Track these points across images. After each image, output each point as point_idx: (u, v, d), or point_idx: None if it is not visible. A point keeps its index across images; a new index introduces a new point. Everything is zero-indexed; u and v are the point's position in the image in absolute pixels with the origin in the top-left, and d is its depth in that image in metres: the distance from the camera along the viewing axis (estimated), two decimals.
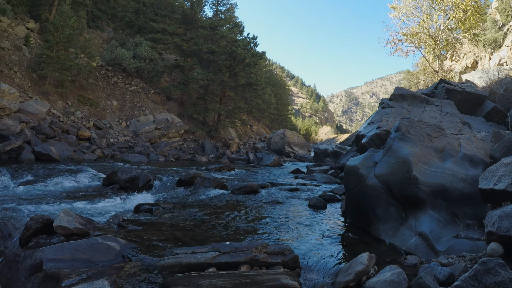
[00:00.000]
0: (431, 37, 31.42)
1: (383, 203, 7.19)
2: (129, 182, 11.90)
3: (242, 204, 10.59)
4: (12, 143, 15.62)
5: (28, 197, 10.34)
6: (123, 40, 40.25)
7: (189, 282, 4.43)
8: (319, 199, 10.75)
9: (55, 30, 27.00)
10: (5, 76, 24.65)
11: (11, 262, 5.58)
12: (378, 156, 7.87)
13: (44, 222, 6.39)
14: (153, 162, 23.43)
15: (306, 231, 7.75)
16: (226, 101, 40.76)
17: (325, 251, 6.40)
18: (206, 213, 9.18)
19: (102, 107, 30.98)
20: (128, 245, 5.98)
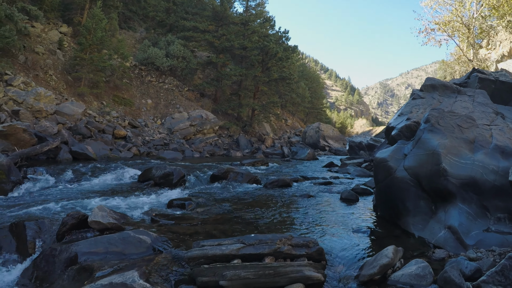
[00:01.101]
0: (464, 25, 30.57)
1: (413, 196, 7.11)
2: (163, 178, 12.20)
3: (274, 198, 10.69)
4: (50, 144, 16.09)
5: (66, 194, 10.79)
6: (155, 40, 40.85)
7: (214, 273, 4.55)
8: (351, 192, 10.74)
9: (88, 33, 27.66)
10: (41, 79, 25.47)
11: (48, 256, 5.91)
12: (408, 148, 7.77)
13: (79, 218, 6.70)
14: (188, 158, 23.75)
15: (336, 224, 7.78)
16: (260, 96, 40.85)
17: (353, 244, 6.43)
18: (238, 207, 9.32)
19: (137, 106, 31.60)
20: (159, 238, 6.21)
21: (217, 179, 13.27)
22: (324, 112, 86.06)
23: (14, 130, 15.02)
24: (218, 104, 38.40)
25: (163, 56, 36.56)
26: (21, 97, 21.40)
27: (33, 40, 27.63)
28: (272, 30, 44.66)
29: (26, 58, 25.69)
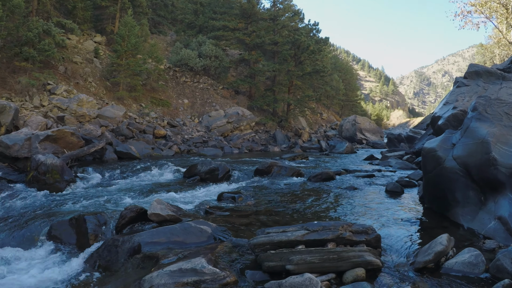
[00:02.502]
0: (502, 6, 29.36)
1: (462, 187, 6.94)
2: (209, 174, 12.47)
3: (319, 191, 10.72)
4: (96, 145, 16.66)
5: (117, 191, 11.23)
6: (187, 41, 41.40)
7: (281, 258, 4.69)
8: (396, 184, 10.62)
9: (122, 40, 28.58)
10: (82, 87, 26.58)
11: (110, 246, 6.21)
12: (456, 138, 7.60)
13: (137, 211, 7.01)
14: (227, 154, 24.07)
15: (384, 215, 7.76)
16: (294, 91, 40.72)
17: (403, 233, 6.43)
18: (285, 199, 9.43)
19: (174, 106, 32.18)
20: (219, 228, 6.39)
21: (261, 173, 13.39)
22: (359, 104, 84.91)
23: (62, 134, 15.63)
24: (253, 100, 38.49)
25: (196, 56, 37.04)
26: (65, 104, 22.20)
27: (70, 51, 28.88)
28: (301, 24, 44.46)
29: (65, 68, 26.86)
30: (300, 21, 44.49)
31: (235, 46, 41.81)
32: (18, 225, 8.00)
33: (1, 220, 8.62)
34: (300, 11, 44.49)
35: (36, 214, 8.65)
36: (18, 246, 7.20)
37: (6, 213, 9.20)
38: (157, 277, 4.54)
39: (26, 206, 9.75)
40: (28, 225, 7.98)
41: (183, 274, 4.57)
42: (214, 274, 4.53)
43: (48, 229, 7.59)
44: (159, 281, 4.48)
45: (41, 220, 8.14)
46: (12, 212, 9.25)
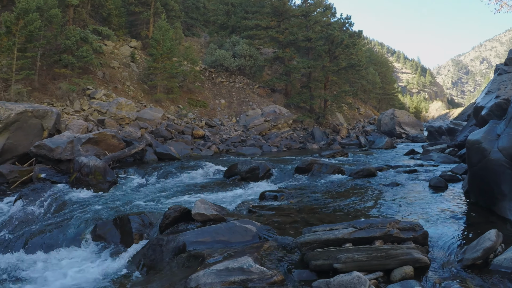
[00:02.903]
0: None
1: (509, 179, 6.61)
2: (250, 173, 12.45)
3: (362, 187, 10.54)
4: (136, 147, 16.99)
5: (158, 191, 11.40)
6: (220, 42, 41.70)
7: (328, 256, 4.62)
8: (440, 179, 10.29)
9: (157, 44, 29.27)
10: (120, 91, 27.30)
11: (155, 246, 6.31)
12: (500, 128, 7.26)
13: (181, 211, 7.05)
14: (266, 153, 24.03)
15: (429, 210, 7.55)
16: (331, 86, 40.24)
17: (449, 230, 6.24)
18: (328, 197, 9.30)
19: (211, 106, 32.46)
20: (263, 227, 6.35)
21: (302, 171, 13.25)
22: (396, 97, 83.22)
23: (104, 137, 16.06)
24: (289, 98, 38.31)
25: (231, 57, 37.30)
26: (104, 108, 22.74)
27: (107, 57, 29.89)
28: (333, 18, 43.83)
29: (104, 73, 27.69)
30: (332, 16, 43.91)
31: (269, 44, 41.77)
32: (64, 225, 8.25)
33: (47, 219, 8.99)
34: (331, 5, 43.89)
35: (81, 214, 8.90)
36: (65, 244, 7.48)
37: (52, 213, 9.57)
38: (204, 276, 4.54)
39: (71, 206, 10.02)
40: (74, 224, 8.22)
41: (230, 273, 4.55)
42: (262, 273, 4.49)
43: (93, 229, 7.81)
44: (206, 280, 4.48)
45: (85, 220, 8.38)
46: (58, 212, 9.60)
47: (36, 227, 8.50)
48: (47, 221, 8.90)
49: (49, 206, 10.16)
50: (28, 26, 20.53)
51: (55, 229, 8.13)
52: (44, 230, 8.19)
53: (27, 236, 7.99)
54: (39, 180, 13.24)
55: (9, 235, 8.30)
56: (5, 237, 8.24)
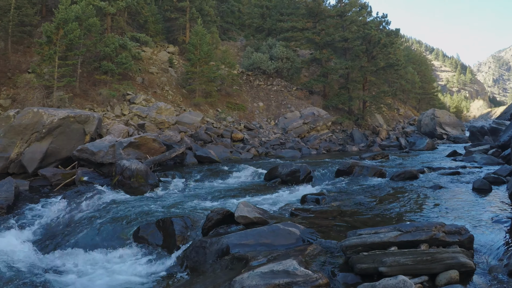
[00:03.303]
0: None
1: None
2: (290, 176, 12.40)
3: (404, 190, 10.39)
4: (177, 150, 17.27)
5: (200, 194, 11.56)
6: (257, 45, 41.79)
7: (373, 260, 4.60)
8: (483, 181, 9.98)
9: (194, 49, 29.68)
10: (159, 95, 27.87)
11: (198, 248, 6.38)
12: None
13: (224, 214, 7.10)
14: (305, 155, 23.94)
15: (473, 214, 7.39)
16: (369, 87, 39.60)
17: (494, 234, 6.09)
18: (369, 200, 9.20)
19: (250, 109, 32.60)
20: (307, 230, 6.33)
21: (342, 174, 13.13)
22: (436, 96, 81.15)
23: (145, 141, 16.40)
24: (328, 99, 37.93)
25: (268, 59, 37.32)
26: (144, 112, 23.21)
27: (146, 63, 30.63)
28: (369, 17, 43.03)
29: (143, 78, 28.43)
30: (368, 15, 43.10)
31: (306, 46, 41.56)
32: (107, 226, 8.51)
33: (91, 220, 9.22)
34: (366, 4, 43.14)
35: (123, 216, 9.11)
36: (108, 245, 7.72)
37: (96, 215, 9.78)
38: (248, 278, 4.56)
39: (113, 208, 10.25)
40: (116, 226, 8.47)
41: (275, 275, 4.55)
42: (307, 276, 4.47)
43: (136, 230, 8.01)
44: (250, 282, 4.50)
45: (128, 222, 8.60)
46: (100, 214, 9.81)
47: (80, 227, 8.81)
48: (90, 222, 9.14)
49: (92, 207, 10.46)
50: (68, 35, 21.31)
51: (99, 230, 8.40)
52: (87, 230, 8.47)
53: (72, 236, 8.32)
54: (82, 183, 13.62)
55: (55, 235, 8.66)
56: (50, 237, 8.64)
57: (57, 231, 9.02)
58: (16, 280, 6.25)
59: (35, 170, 14.99)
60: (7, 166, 15.21)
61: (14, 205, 11.31)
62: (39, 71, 21.29)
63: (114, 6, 28.54)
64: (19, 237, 8.56)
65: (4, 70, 23.21)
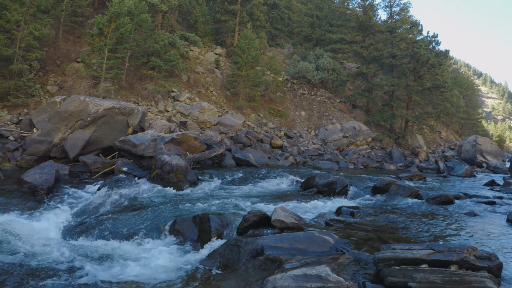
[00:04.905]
0: None
1: None
2: (327, 187, 12.44)
3: (438, 213, 10.30)
4: (216, 151, 17.63)
5: (236, 195, 11.82)
6: (304, 54, 41.90)
7: (404, 275, 4.70)
8: None
9: (242, 52, 30.15)
10: (203, 95, 28.46)
11: (232, 246, 6.59)
12: None
13: (260, 216, 7.32)
14: (342, 169, 23.84)
15: (504, 243, 7.33)
16: (413, 107, 38.93)
17: None
18: (403, 219, 9.19)
19: (291, 117, 32.75)
20: (341, 240, 6.47)
21: (379, 191, 13.06)
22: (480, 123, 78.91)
23: (186, 138, 16.84)
24: (370, 115, 37.60)
25: (314, 69, 37.34)
26: (187, 110, 23.71)
27: (193, 62, 31.34)
28: (420, 36, 42.44)
29: (188, 77, 29.05)
30: (418, 33, 42.42)
31: (353, 59, 41.38)
32: (144, 217, 8.84)
33: (128, 210, 9.58)
34: (418, 22, 42.58)
35: (160, 209, 9.44)
36: (144, 235, 8.01)
37: (133, 205, 10.18)
38: (281, 279, 4.72)
39: (151, 200, 10.70)
40: (153, 217, 8.80)
41: (307, 279, 4.70)
42: (338, 283, 4.60)
43: (172, 223, 8.29)
44: (283, 283, 4.65)
45: (165, 215, 8.93)
46: (138, 204, 10.22)
47: (116, 216, 9.11)
48: (127, 211, 9.48)
49: (129, 198, 10.80)
50: (120, 29, 22.04)
51: (135, 220, 8.72)
52: (123, 219, 8.78)
53: (107, 223, 8.62)
54: (121, 173, 14.14)
55: (92, 221, 8.97)
56: (86, 222, 8.95)
57: (93, 217, 9.30)
58: (46, 261, 6.50)
59: (76, 156, 15.73)
60: (50, 150, 15.91)
61: (54, 187, 11.84)
62: (88, 61, 22.05)
63: (166, 4, 29.36)
64: (55, 219, 8.94)
65: (53, 57, 24.10)
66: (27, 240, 7.28)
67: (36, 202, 10.32)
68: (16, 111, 19.56)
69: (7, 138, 16.85)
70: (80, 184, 12.77)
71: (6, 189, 11.53)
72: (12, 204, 9.87)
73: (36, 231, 7.84)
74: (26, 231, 7.62)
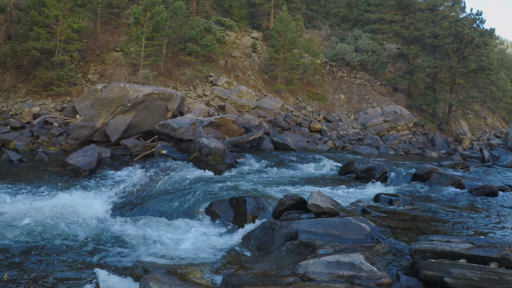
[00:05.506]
0: None
1: None
2: (366, 173, 12.30)
3: (481, 205, 9.99)
4: (255, 134, 17.74)
5: (273, 178, 11.95)
6: (342, 35, 41.00)
7: (440, 269, 4.52)
8: None
9: (279, 35, 29.70)
10: (241, 79, 28.52)
11: (267, 229, 6.70)
12: None
13: (297, 200, 7.32)
14: (382, 154, 23.31)
15: None
16: (457, 90, 37.33)
17: None
18: (443, 209, 8.98)
19: (330, 101, 32.32)
20: (377, 228, 6.37)
21: (419, 179, 12.72)
22: None
23: (224, 121, 17.10)
24: (412, 99, 36.12)
25: (352, 51, 36.45)
26: (225, 95, 23.98)
27: (229, 47, 31.34)
28: (463, 13, 40.47)
29: (226, 62, 29.27)
30: (461, 11, 40.26)
31: (393, 39, 39.88)
32: (182, 198, 9.12)
33: (167, 191, 9.98)
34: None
35: (198, 190, 9.67)
36: (181, 216, 8.32)
37: (172, 186, 10.57)
38: (313, 265, 4.73)
39: (189, 182, 11.00)
40: (191, 198, 9.06)
41: (340, 266, 4.68)
42: (371, 273, 4.54)
43: (208, 205, 8.55)
44: (315, 269, 4.66)
45: (202, 196, 9.16)
46: (176, 186, 10.63)
47: (155, 196, 9.44)
48: (166, 192, 9.80)
49: (169, 179, 11.18)
50: (155, 17, 22.42)
51: (174, 200, 9.01)
52: (162, 200, 9.09)
53: (146, 203, 8.96)
54: (161, 156, 14.59)
55: (132, 201, 9.33)
56: (126, 202, 9.31)
57: (133, 198, 9.68)
58: (88, 239, 6.87)
59: (117, 140, 16.48)
60: (92, 134, 16.74)
61: (96, 169, 12.46)
62: (126, 50, 22.70)
63: None
64: (97, 199, 9.39)
65: (93, 48, 25.03)
66: (76, 216, 7.79)
67: (79, 182, 10.81)
68: (60, 99, 20.59)
69: (51, 124, 17.86)
70: (121, 166, 13.25)
71: (51, 170, 12.25)
72: (58, 184, 10.45)
73: (81, 209, 8.27)
74: (73, 209, 8.11)
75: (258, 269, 5.25)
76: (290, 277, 4.70)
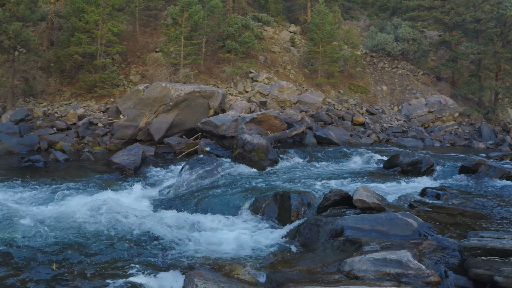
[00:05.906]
0: None
1: None
2: (411, 166, 12.06)
3: None
4: (297, 129, 17.77)
5: (317, 174, 11.94)
6: (381, 25, 40.04)
7: (491, 267, 4.33)
8: None
9: (317, 28, 29.41)
10: (281, 74, 28.41)
11: (312, 225, 6.70)
12: None
13: (342, 195, 7.33)
14: (428, 147, 22.65)
15: None
16: (503, 77, 35.72)
17: None
18: (493, 203, 8.60)
19: (373, 93, 31.72)
20: (424, 223, 6.24)
21: (466, 171, 12.23)
22: None
23: (266, 117, 17.23)
24: (456, 87, 34.79)
25: (393, 40, 35.51)
26: (266, 90, 24.03)
27: (268, 42, 31.27)
28: None
29: (265, 57, 29.26)
30: None
31: (433, 26, 38.41)
32: (227, 194, 9.26)
33: (211, 188, 10.09)
34: None
35: (241, 187, 9.84)
36: (226, 212, 8.43)
37: (216, 183, 10.70)
38: (359, 262, 4.72)
39: (232, 178, 11.18)
40: (235, 194, 9.18)
41: (387, 264, 4.64)
42: (419, 270, 4.49)
43: (253, 201, 8.60)
44: (361, 266, 4.66)
45: (245, 192, 9.25)
46: (220, 182, 10.76)
47: (200, 193, 9.59)
48: (210, 189, 9.95)
49: (212, 175, 11.30)
50: (193, 17, 22.79)
51: (217, 197, 9.16)
52: (207, 196, 9.25)
53: (191, 200, 9.15)
54: (204, 153, 14.89)
55: (175, 197, 9.63)
56: (171, 199, 9.60)
57: (177, 195, 9.90)
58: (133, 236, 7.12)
59: (160, 139, 16.99)
60: (136, 134, 17.32)
61: (140, 167, 12.96)
62: (166, 50, 23.22)
63: None
64: (142, 197, 9.74)
65: (133, 50, 25.70)
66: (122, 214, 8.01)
67: (125, 180, 11.29)
68: (103, 100, 21.24)
69: (96, 125, 18.49)
70: (165, 164, 13.66)
71: (97, 169, 12.81)
72: (104, 182, 10.88)
73: (127, 206, 8.51)
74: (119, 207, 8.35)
75: (303, 266, 5.29)
76: (336, 275, 4.72)
